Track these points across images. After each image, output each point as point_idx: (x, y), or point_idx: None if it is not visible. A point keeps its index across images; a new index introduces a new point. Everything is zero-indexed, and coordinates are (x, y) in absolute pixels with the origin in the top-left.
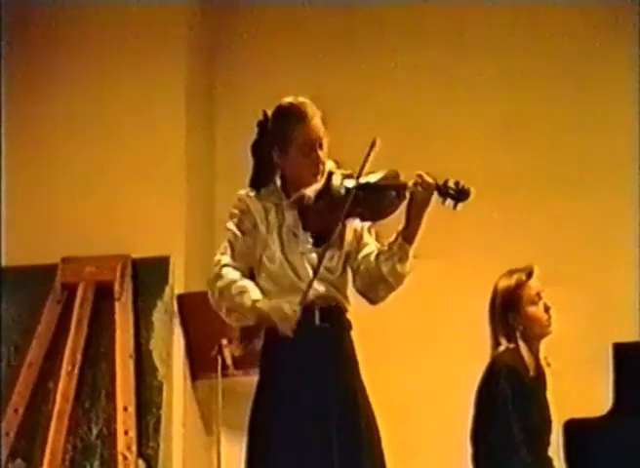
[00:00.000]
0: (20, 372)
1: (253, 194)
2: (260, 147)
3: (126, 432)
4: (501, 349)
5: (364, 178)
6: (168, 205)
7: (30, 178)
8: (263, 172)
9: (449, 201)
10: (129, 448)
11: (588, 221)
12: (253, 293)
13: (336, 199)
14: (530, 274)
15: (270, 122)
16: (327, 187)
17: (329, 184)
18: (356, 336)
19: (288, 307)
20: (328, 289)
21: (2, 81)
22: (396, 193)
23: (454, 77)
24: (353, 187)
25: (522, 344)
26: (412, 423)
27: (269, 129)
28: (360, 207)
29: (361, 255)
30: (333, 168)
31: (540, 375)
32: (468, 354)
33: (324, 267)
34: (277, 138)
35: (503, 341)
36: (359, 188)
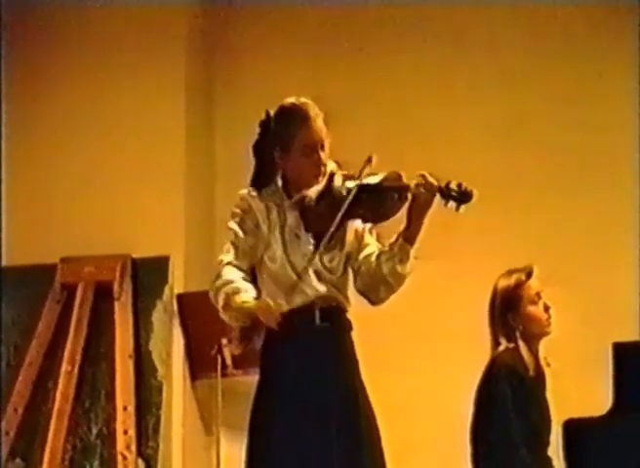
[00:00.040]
0: (20, 372)
1: (255, 193)
2: (262, 147)
3: (125, 432)
4: (501, 349)
5: (366, 180)
6: (167, 205)
7: (30, 178)
8: (265, 171)
9: (451, 203)
10: (128, 448)
11: (588, 221)
12: (244, 295)
13: (337, 200)
14: (529, 274)
15: (273, 122)
16: (328, 188)
17: (330, 185)
18: (356, 336)
19: (271, 301)
20: (329, 289)
21: (2, 81)
22: (398, 195)
23: (454, 77)
24: (354, 188)
25: (522, 344)
26: (411, 423)
27: (271, 129)
28: (362, 208)
29: (362, 256)
30: (334, 169)
31: (540, 375)
32: (468, 354)
33: (325, 268)
34: (279, 139)
35: (503, 341)
36: (361, 190)
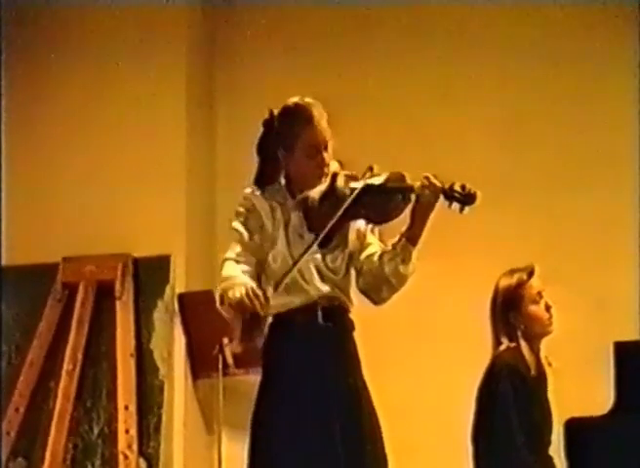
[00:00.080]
0: (22, 372)
1: (258, 193)
2: (266, 146)
3: (127, 431)
4: (503, 348)
5: (369, 180)
6: (169, 204)
7: (31, 178)
8: (268, 170)
9: (455, 205)
10: (130, 447)
11: (589, 221)
12: (237, 288)
13: (340, 201)
14: (531, 273)
15: (276, 121)
16: (331, 189)
17: (333, 186)
18: (357, 336)
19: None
20: (331, 289)
21: (2, 81)
22: (402, 196)
23: (454, 77)
24: (358, 189)
25: (523, 343)
26: (413, 422)
27: (275, 128)
28: (365, 209)
29: (364, 256)
30: (337, 169)
31: (541, 374)
32: (469, 353)
33: (328, 268)
34: (283, 139)
35: (505, 340)
36: (364, 190)
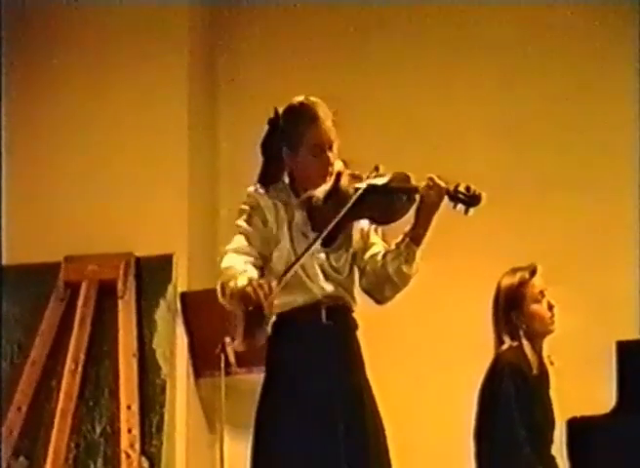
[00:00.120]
0: (24, 371)
1: (262, 191)
2: (270, 145)
3: (129, 430)
4: (505, 347)
5: (374, 181)
6: (171, 203)
7: (33, 177)
8: (272, 169)
9: (460, 206)
10: (132, 447)
11: (590, 220)
12: (240, 278)
13: (345, 200)
14: (533, 272)
15: (281, 120)
16: (336, 188)
17: (338, 185)
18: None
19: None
20: (335, 288)
21: (2, 81)
22: (407, 196)
23: (454, 77)
24: (362, 189)
25: (525, 342)
26: (415, 421)
27: (280, 127)
28: (370, 209)
29: (367, 255)
30: (342, 169)
31: (544, 374)
32: (472, 352)
33: (332, 267)
34: (287, 138)
35: (507, 339)
36: (369, 190)
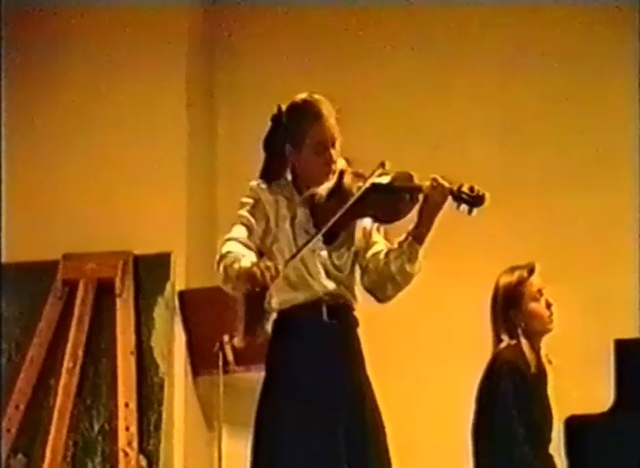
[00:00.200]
0: (22, 369)
1: (264, 186)
2: (273, 142)
3: (127, 428)
4: (503, 346)
5: (377, 179)
6: (169, 201)
7: (31, 175)
8: (275, 166)
9: (463, 206)
10: (130, 445)
11: (589, 219)
12: (243, 260)
13: (347, 198)
14: (531, 271)
15: (284, 117)
16: (338, 186)
17: (340, 183)
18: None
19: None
20: (337, 286)
21: (2, 80)
22: (410, 196)
23: (454, 77)
24: (365, 187)
25: (523, 341)
26: (413, 419)
27: (283, 124)
28: (373, 208)
29: (370, 254)
30: (344, 167)
31: (542, 372)
32: (470, 350)
33: (333, 265)
34: (290, 135)
35: (505, 338)
36: (372, 189)
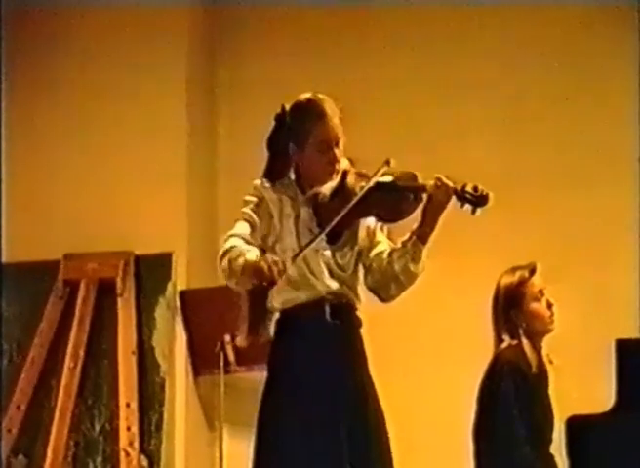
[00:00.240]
0: (23, 369)
1: (268, 185)
2: (276, 141)
3: (128, 428)
4: (504, 346)
5: (381, 179)
6: (170, 201)
7: (32, 175)
8: (278, 165)
9: (467, 206)
10: (131, 445)
11: (590, 219)
12: (248, 254)
13: (351, 198)
14: (533, 271)
15: (288, 116)
16: (342, 186)
17: (344, 183)
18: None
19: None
20: (340, 285)
21: (2, 80)
22: (414, 195)
23: (454, 77)
24: (368, 186)
25: (525, 341)
26: (415, 419)
27: (287, 123)
28: (376, 207)
29: (373, 253)
30: (348, 166)
31: (543, 372)
32: (471, 350)
33: (337, 264)
34: (294, 134)
35: (506, 338)
36: (375, 188)
